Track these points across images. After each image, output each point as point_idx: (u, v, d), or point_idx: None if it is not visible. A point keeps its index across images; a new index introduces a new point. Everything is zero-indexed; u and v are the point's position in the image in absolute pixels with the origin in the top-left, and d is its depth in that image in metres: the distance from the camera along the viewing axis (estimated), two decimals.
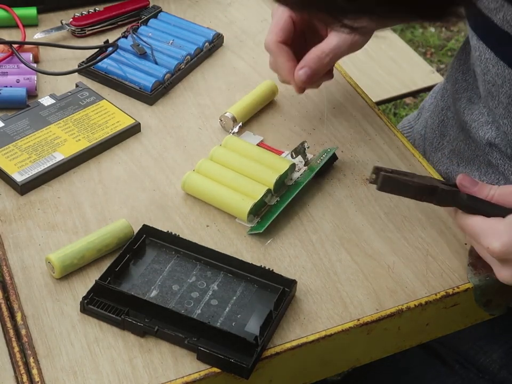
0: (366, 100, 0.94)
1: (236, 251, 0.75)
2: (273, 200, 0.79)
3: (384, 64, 2.28)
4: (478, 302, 0.74)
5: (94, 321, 0.68)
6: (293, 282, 0.70)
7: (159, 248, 0.74)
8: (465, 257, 0.76)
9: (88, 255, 0.71)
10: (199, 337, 0.65)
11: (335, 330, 0.68)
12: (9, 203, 0.78)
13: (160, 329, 0.66)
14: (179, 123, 0.89)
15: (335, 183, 0.83)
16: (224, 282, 0.71)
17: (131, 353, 0.66)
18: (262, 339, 0.65)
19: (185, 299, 0.69)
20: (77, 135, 0.84)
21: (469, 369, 0.88)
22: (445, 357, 0.89)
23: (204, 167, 0.80)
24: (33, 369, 0.64)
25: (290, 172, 0.82)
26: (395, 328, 0.72)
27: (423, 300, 0.72)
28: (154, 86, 0.91)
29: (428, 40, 2.65)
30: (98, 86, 0.93)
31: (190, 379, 0.64)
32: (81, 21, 1.00)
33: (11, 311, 0.68)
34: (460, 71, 0.93)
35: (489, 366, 0.88)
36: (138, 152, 0.85)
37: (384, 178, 0.66)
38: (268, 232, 0.76)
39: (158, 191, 0.80)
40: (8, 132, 0.83)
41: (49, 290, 0.70)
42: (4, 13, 1.00)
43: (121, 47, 0.95)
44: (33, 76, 0.90)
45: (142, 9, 1.03)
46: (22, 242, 0.74)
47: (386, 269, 0.74)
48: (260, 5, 1.10)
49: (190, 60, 0.97)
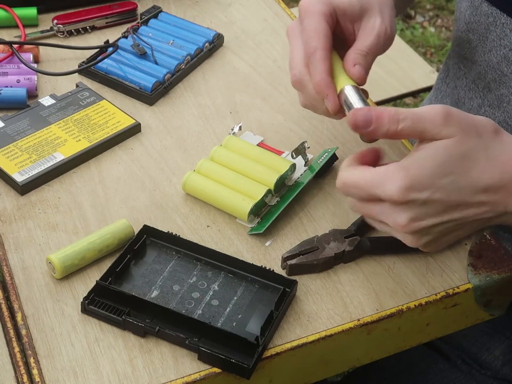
0: None
1: (236, 251, 0.75)
2: (274, 200, 0.79)
3: (384, 64, 2.28)
4: (478, 302, 0.74)
5: (95, 322, 0.68)
6: (293, 282, 0.70)
7: (159, 249, 0.74)
8: (465, 257, 0.76)
9: (89, 255, 0.71)
10: (200, 337, 0.65)
11: (335, 331, 0.69)
12: (9, 203, 0.78)
13: (161, 329, 0.66)
14: (179, 123, 0.89)
15: (335, 183, 0.83)
16: (225, 282, 0.71)
17: (131, 353, 0.66)
18: (263, 339, 0.65)
19: (186, 299, 0.69)
20: (77, 135, 0.84)
21: (472, 365, 0.88)
22: (447, 353, 0.90)
23: (204, 167, 0.80)
24: (34, 370, 0.64)
25: (291, 172, 0.82)
26: (395, 329, 0.72)
27: (423, 300, 0.72)
28: (154, 86, 0.91)
29: (428, 40, 2.65)
30: (98, 86, 0.93)
31: (190, 379, 0.64)
32: (64, 19, 1.01)
33: (11, 311, 0.68)
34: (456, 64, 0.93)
35: (492, 362, 0.88)
36: (139, 153, 0.85)
37: (291, 267, 0.72)
38: (268, 232, 0.76)
39: (158, 191, 0.80)
40: (9, 132, 0.83)
41: (50, 291, 0.70)
42: (4, 13, 1.00)
43: (122, 47, 0.95)
44: (34, 76, 0.90)
45: (129, 12, 1.04)
46: (22, 243, 0.74)
47: (386, 269, 0.74)
48: (260, 5, 1.10)
49: (190, 60, 0.97)
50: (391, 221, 0.63)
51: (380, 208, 0.63)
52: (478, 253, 0.76)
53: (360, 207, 0.65)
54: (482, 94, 0.89)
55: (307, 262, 0.73)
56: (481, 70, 0.88)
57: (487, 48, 0.87)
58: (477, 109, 0.90)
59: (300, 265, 0.73)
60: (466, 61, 0.91)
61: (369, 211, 0.65)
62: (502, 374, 0.88)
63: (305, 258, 0.73)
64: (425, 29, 2.72)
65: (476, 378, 0.88)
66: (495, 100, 0.87)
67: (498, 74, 0.86)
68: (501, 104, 0.87)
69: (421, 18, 2.79)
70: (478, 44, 0.88)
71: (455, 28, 0.93)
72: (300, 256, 0.73)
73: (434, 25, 2.75)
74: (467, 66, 0.91)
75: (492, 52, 0.86)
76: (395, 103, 2.30)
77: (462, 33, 0.90)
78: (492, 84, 0.87)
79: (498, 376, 0.88)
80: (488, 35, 0.86)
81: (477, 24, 0.87)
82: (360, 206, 0.65)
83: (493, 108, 0.88)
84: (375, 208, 0.64)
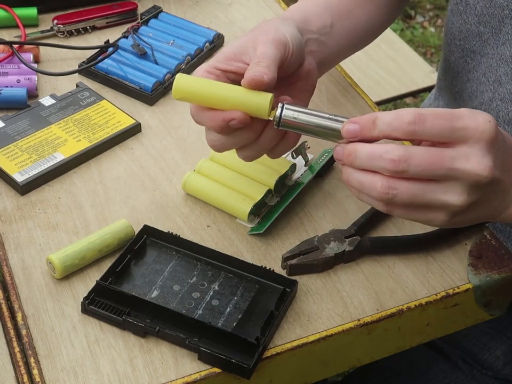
0: (366, 100, 0.94)
1: (236, 251, 0.75)
2: (274, 200, 0.79)
3: (384, 64, 2.28)
4: (478, 302, 0.74)
5: (95, 322, 0.68)
6: (293, 282, 0.70)
7: (159, 249, 0.74)
8: (465, 257, 0.76)
9: (89, 255, 0.71)
10: (200, 337, 0.65)
11: (335, 331, 0.69)
12: (9, 203, 0.78)
13: (161, 329, 0.66)
14: (179, 123, 0.89)
15: (335, 183, 0.83)
16: (225, 282, 0.71)
17: (131, 353, 0.66)
18: (263, 339, 0.65)
19: (186, 299, 0.69)
20: (78, 135, 0.84)
21: (473, 365, 0.88)
22: (448, 353, 0.90)
23: (204, 167, 0.80)
24: (34, 370, 0.64)
25: (291, 172, 0.82)
26: (395, 329, 0.72)
27: (423, 300, 0.72)
28: (154, 86, 0.91)
29: (428, 40, 2.65)
30: (98, 86, 0.93)
31: (190, 379, 0.64)
32: (64, 19, 1.01)
33: (11, 311, 0.68)
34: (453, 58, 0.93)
35: (493, 362, 0.88)
36: (139, 152, 0.85)
37: (291, 267, 0.72)
38: (269, 232, 0.76)
39: (159, 191, 0.80)
40: (9, 132, 0.83)
41: (50, 291, 0.70)
42: (4, 13, 1.00)
43: (122, 47, 0.95)
44: (34, 76, 0.90)
45: (130, 12, 1.04)
46: (22, 243, 0.74)
47: (386, 269, 0.74)
48: (260, 5, 1.10)
49: (191, 60, 0.97)
50: (474, 162, 0.60)
51: (461, 151, 0.60)
52: (478, 253, 0.76)
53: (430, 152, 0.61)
54: (493, 88, 0.89)
55: (307, 262, 0.73)
56: (493, 63, 0.88)
57: (501, 41, 0.86)
58: (488, 103, 0.90)
59: (300, 265, 0.73)
60: (474, 54, 0.91)
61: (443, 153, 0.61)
62: (503, 374, 0.88)
63: (306, 258, 0.73)
64: (425, 29, 2.73)
65: (477, 378, 0.88)
66: (507, 93, 0.87)
67: (511, 68, 0.85)
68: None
69: (421, 18, 2.79)
70: (490, 36, 0.87)
71: (454, 21, 0.92)
72: (300, 256, 0.73)
73: (434, 25, 2.75)
74: (475, 59, 0.91)
75: (505, 44, 0.85)
76: (395, 103, 2.30)
77: (471, 26, 0.89)
78: (503, 78, 0.87)
79: (499, 377, 0.88)
80: (502, 28, 0.85)
81: (490, 16, 0.86)
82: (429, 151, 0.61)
83: (505, 102, 0.87)
84: (448, 152, 0.60)
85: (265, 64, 0.68)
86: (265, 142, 0.70)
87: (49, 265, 0.71)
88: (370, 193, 0.62)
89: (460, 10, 0.91)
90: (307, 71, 0.75)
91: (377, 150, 0.61)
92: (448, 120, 0.60)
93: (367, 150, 0.61)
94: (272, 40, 0.70)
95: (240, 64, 0.71)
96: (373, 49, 2.15)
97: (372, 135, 0.62)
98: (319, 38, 0.80)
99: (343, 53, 0.87)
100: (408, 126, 0.60)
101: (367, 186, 0.62)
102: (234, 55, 0.71)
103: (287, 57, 0.71)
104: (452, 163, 0.60)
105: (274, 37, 0.71)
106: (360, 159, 0.62)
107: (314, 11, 0.82)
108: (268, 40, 0.70)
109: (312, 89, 0.77)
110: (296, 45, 0.72)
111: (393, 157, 0.60)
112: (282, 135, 0.70)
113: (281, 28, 0.73)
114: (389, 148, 0.60)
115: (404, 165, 0.60)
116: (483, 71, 0.90)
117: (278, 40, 0.71)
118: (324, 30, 0.81)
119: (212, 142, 0.71)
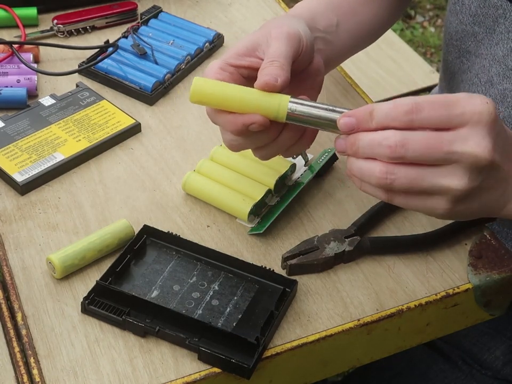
0: (366, 100, 0.94)
1: (236, 251, 0.75)
2: (274, 200, 0.79)
3: (384, 64, 2.29)
4: (478, 302, 0.74)
5: (95, 322, 0.68)
6: (293, 282, 0.70)
7: (159, 249, 0.74)
8: (465, 257, 0.76)
9: (89, 255, 0.71)
10: (200, 337, 0.65)
11: (335, 331, 0.69)
12: (9, 203, 0.78)
13: (161, 329, 0.66)
14: (179, 123, 0.89)
15: (335, 183, 0.83)
16: (225, 282, 0.71)
17: (131, 353, 0.66)
18: (263, 339, 0.65)
19: (186, 299, 0.69)
20: (77, 135, 0.84)
21: (472, 365, 0.88)
22: (448, 353, 0.90)
23: (204, 167, 0.80)
24: (34, 370, 0.64)
25: (291, 172, 0.82)
26: (395, 329, 0.72)
27: (423, 300, 0.72)
28: (154, 86, 0.91)
29: (428, 40, 2.65)
30: (98, 86, 0.93)
31: (190, 379, 0.64)
32: (64, 19, 1.01)
33: (11, 311, 0.68)
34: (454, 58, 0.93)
35: (493, 362, 0.88)
36: (139, 152, 0.85)
37: (291, 267, 0.72)
38: (269, 232, 0.76)
39: (159, 191, 0.80)
40: (9, 132, 0.83)
41: (50, 291, 0.70)
42: (4, 13, 1.00)
43: (122, 47, 0.95)
44: (34, 76, 0.90)
45: (130, 12, 1.04)
46: (22, 243, 0.74)
47: (386, 269, 0.74)
48: (260, 5, 1.10)
49: (191, 60, 0.97)
50: (473, 144, 0.59)
51: (459, 134, 0.60)
52: (478, 253, 0.76)
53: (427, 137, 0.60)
54: (484, 89, 0.89)
55: (307, 262, 0.73)
56: (486, 63, 0.88)
57: (494, 41, 0.86)
58: None
59: (300, 265, 0.73)
60: (469, 55, 0.91)
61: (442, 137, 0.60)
62: (502, 374, 0.88)
63: (305, 258, 0.73)
64: (425, 29, 2.73)
65: (477, 378, 0.88)
66: (498, 94, 0.87)
67: (503, 68, 0.85)
68: (504, 99, 0.86)
69: (421, 18, 2.79)
70: (484, 36, 0.87)
71: (451, 21, 0.92)
72: (300, 256, 0.73)
73: (434, 25, 2.75)
74: (470, 60, 0.91)
75: (498, 45, 0.85)
76: None
77: (466, 26, 0.89)
78: (495, 78, 0.87)
79: (498, 377, 0.88)
80: (496, 28, 0.85)
81: (484, 16, 0.86)
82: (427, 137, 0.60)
83: (496, 103, 0.87)
84: (447, 135, 0.60)
85: (279, 63, 0.67)
86: (283, 143, 0.70)
87: (49, 265, 0.71)
88: (370, 180, 0.62)
89: (456, 10, 0.91)
90: (316, 69, 0.75)
91: (376, 137, 0.61)
92: (445, 106, 0.60)
93: (367, 138, 0.61)
94: (287, 35, 0.70)
95: (254, 59, 0.70)
96: (373, 49, 2.15)
97: (369, 127, 0.62)
98: (325, 36, 0.80)
99: (347, 52, 0.87)
100: (405, 115, 0.60)
101: (366, 173, 0.62)
102: (247, 50, 0.71)
103: (300, 52, 0.71)
104: (450, 146, 0.60)
105: (289, 31, 0.70)
106: (362, 148, 0.62)
107: (320, 10, 0.82)
108: (282, 34, 0.70)
109: (320, 88, 0.77)
110: (309, 40, 0.72)
111: (390, 143, 0.60)
112: (300, 135, 0.70)
113: (295, 23, 0.72)
114: (387, 134, 0.60)
115: (401, 150, 0.60)
116: (476, 72, 0.90)
117: (292, 34, 0.70)
118: (330, 29, 0.81)
119: (229, 142, 0.70)
